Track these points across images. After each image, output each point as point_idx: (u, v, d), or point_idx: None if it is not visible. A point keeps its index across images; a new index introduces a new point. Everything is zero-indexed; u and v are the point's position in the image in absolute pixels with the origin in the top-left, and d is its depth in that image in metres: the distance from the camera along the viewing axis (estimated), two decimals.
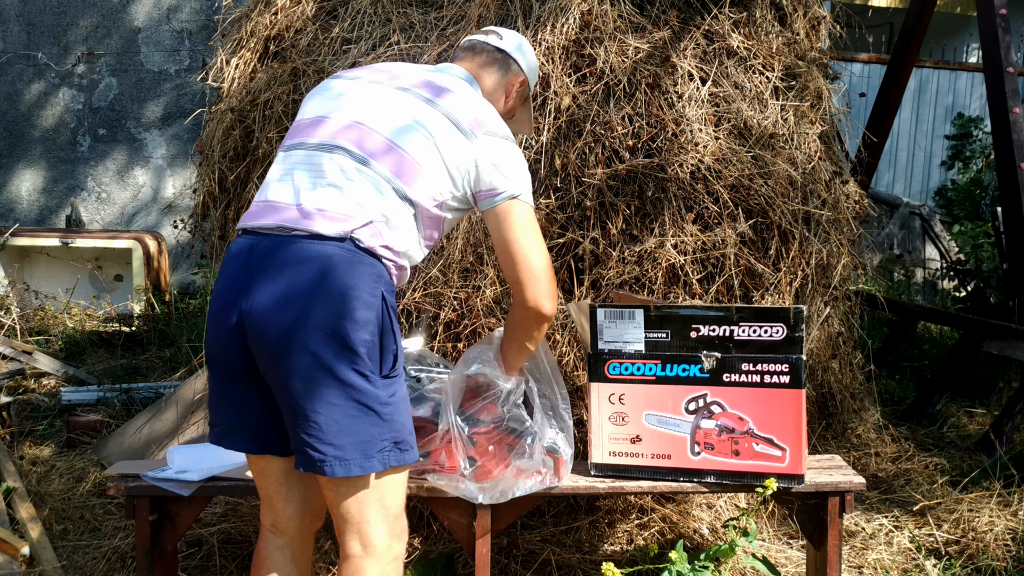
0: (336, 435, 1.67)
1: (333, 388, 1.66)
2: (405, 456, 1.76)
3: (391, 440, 1.72)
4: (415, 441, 1.81)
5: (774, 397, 2.18)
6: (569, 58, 2.92)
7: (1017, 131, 4.13)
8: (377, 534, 1.76)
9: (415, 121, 1.82)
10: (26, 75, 6.85)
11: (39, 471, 3.54)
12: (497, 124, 1.90)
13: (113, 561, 2.84)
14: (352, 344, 1.65)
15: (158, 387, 4.20)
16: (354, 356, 1.65)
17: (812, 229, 3.11)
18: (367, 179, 1.76)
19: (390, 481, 1.77)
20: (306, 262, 1.68)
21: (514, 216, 1.85)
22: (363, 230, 1.72)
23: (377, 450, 1.70)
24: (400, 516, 1.82)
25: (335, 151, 1.79)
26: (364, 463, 1.69)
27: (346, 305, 1.65)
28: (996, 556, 2.83)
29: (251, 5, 3.42)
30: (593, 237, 2.84)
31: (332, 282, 1.66)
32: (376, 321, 1.69)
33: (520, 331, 1.97)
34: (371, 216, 1.73)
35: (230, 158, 3.20)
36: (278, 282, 1.67)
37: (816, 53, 3.50)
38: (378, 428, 1.70)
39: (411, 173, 1.79)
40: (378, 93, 1.88)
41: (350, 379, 1.66)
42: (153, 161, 7.06)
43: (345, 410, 1.67)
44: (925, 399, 4.33)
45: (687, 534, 2.91)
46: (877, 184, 8.41)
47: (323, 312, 1.65)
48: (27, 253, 6.11)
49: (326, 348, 1.64)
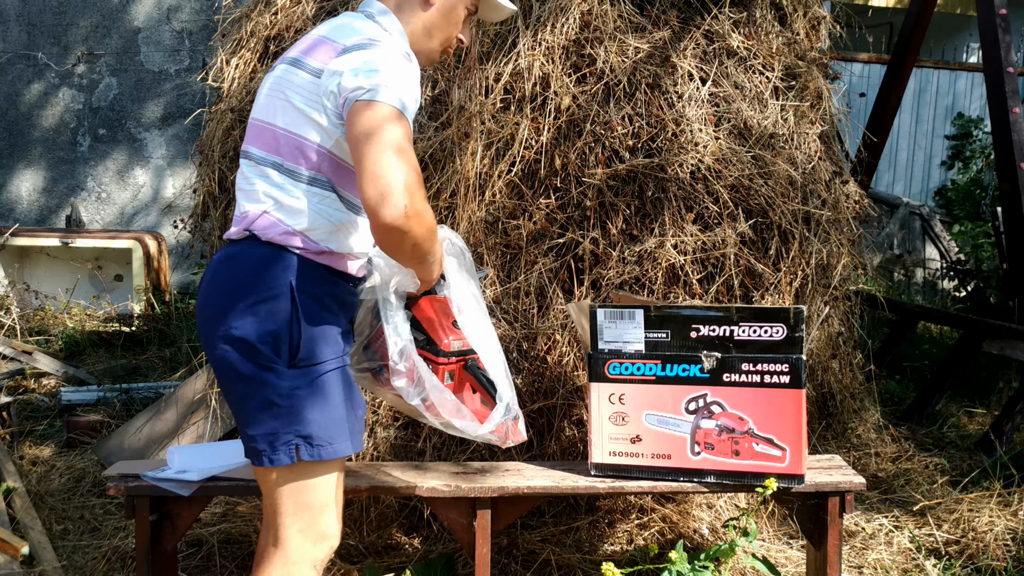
0: (250, 426, 1.70)
1: (239, 383, 1.69)
2: (318, 452, 1.69)
3: (295, 433, 1.67)
4: (339, 437, 1.72)
5: (774, 397, 2.18)
6: (569, 58, 2.92)
7: (1017, 131, 4.13)
8: (288, 532, 1.72)
9: (275, 88, 1.75)
10: (26, 75, 6.85)
11: (39, 471, 3.54)
12: (363, 37, 1.70)
13: (113, 561, 2.84)
14: (249, 337, 1.65)
15: (158, 387, 4.20)
16: (253, 349, 1.66)
17: (812, 229, 3.11)
18: (256, 172, 1.74)
19: (306, 478, 1.71)
20: (216, 265, 1.74)
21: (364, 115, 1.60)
22: (258, 223, 1.70)
23: (282, 443, 1.67)
24: (322, 517, 1.74)
25: (245, 158, 1.81)
26: (272, 455, 1.68)
27: (245, 300, 1.66)
28: (996, 556, 2.82)
29: (251, 5, 3.42)
30: (593, 237, 2.84)
31: (233, 280, 1.69)
32: (284, 311, 1.66)
33: (389, 253, 1.71)
34: (263, 207, 1.71)
35: (230, 158, 3.20)
36: (203, 291, 1.75)
37: (816, 53, 3.50)
38: (279, 421, 1.67)
39: (284, 141, 1.71)
40: (266, 82, 1.81)
41: (252, 372, 1.67)
42: (153, 161, 7.05)
43: (253, 403, 1.69)
44: (925, 399, 4.32)
45: (687, 534, 2.91)
46: (877, 184, 8.41)
47: (224, 310, 1.68)
48: (27, 253, 6.11)
49: (229, 344, 1.67)
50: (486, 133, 2.81)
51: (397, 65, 1.67)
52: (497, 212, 2.84)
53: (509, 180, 2.84)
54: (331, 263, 1.75)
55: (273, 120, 1.73)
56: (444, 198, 2.83)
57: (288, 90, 1.72)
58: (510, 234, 2.85)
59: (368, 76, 1.62)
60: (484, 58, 2.91)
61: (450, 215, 2.84)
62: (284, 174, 1.71)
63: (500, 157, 2.83)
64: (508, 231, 2.85)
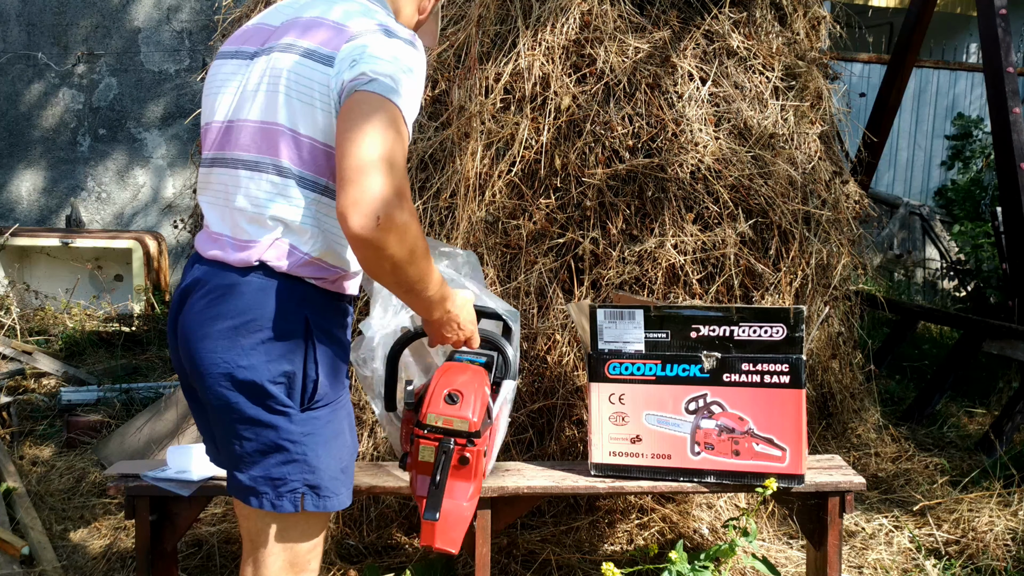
0: (250, 467, 1.57)
1: (242, 424, 1.55)
2: (324, 503, 1.59)
3: (303, 483, 1.57)
4: (344, 487, 1.63)
5: (774, 397, 2.18)
6: (569, 58, 2.92)
7: (1017, 131, 4.13)
8: (270, 571, 1.63)
9: (274, 82, 1.55)
10: (26, 75, 6.85)
11: (39, 471, 3.54)
12: (374, 24, 1.54)
13: (113, 561, 2.84)
14: (259, 379, 1.51)
15: (158, 387, 4.20)
16: (263, 392, 1.52)
17: (812, 229, 3.11)
18: (257, 186, 1.55)
19: (301, 526, 1.62)
20: (208, 292, 1.55)
21: (360, 107, 1.43)
22: (269, 252, 1.53)
23: (288, 490, 1.57)
24: (306, 556, 1.66)
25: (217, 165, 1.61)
26: (276, 501, 1.57)
27: (252, 337, 1.51)
28: (996, 556, 2.82)
29: (251, 5, 3.42)
30: (593, 237, 2.84)
31: (237, 313, 1.52)
32: (300, 350, 1.53)
33: (370, 274, 1.52)
34: (272, 235, 1.54)
35: None
36: (192, 319, 1.57)
37: (816, 53, 3.50)
38: (288, 468, 1.56)
39: (307, 149, 1.54)
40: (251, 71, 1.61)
41: (260, 416, 1.53)
42: (153, 161, 7.05)
43: (255, 444, 1.56)
44: (925, 399, 4.33)
45: (687, 534, 2.91)
46: (877, 184, 8.41)
47: (225, 346, 1.52)
48: (27, 253, 6.11)
49: (234, 385, 1.53)
50: (486, 133, 2.81)
51: (408, 64, 1.50)
52: (497, 212, 2.84)
53: (509, 180, 2.84)
54: (340, 289, 1.62)
55: (280, 120, 1.53)
56: (444, 198, 2.83)
57: (295, 84, 1.52)
58: (510, 234, 2.85)
59: (376, 64, 1.46)
60: (484, 58, 2.91)
61: (450, 215, 2.84)
62: (302, 186, 1.53)
63: (500, 157, 2.83)
64: (508, 231, 2.85)
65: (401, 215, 1.40)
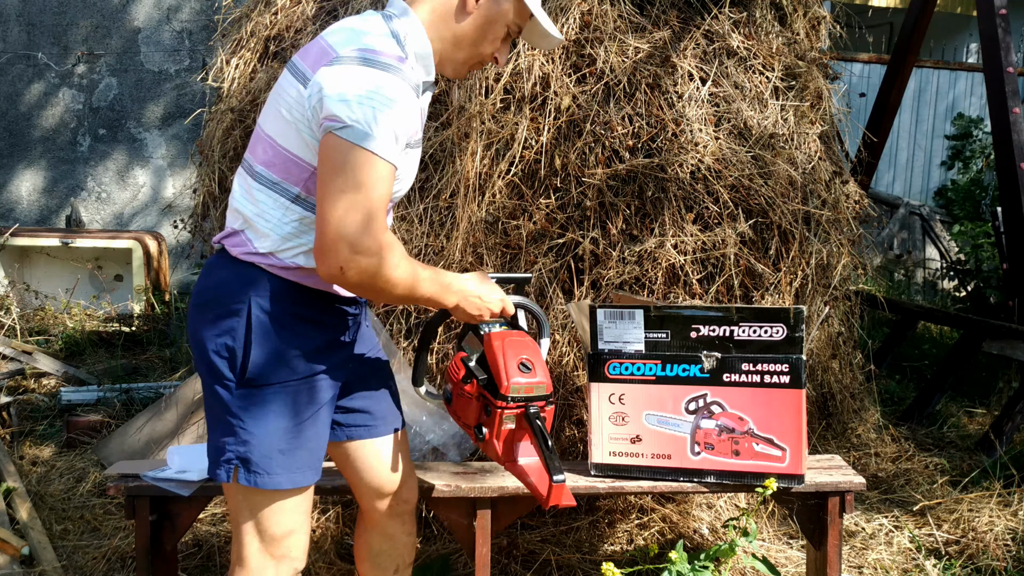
0: (210, 436, 1.70)
1: (206, 390, 1.69)
2: (254, 479, 1.64)
3: (236, 454, 1.64)
4: (279, 468, 1.65)
5: (774, 397, 2.18)
6: (569, 58, 2.92)
7: (1017, 131, 4.13)
8: (249, 550, 1.69)
9: (273, 94, 1.67)
10: (26, 75, 6.85)
11: (39, 471, 3.54)
12: (359, 47, 1.55)
13: (113, 561, 2.84)
14: (209, 349, 1.64)
15: (158, 387, 4.20)
16: (211, 362, 1.65)
17: (812, 229, 3.11)
18: (241, 184, 1.70)
19: (265, 505, 1.68)
20: (202, 271, 1.75)
21: (334, 152, 1.49)
22: (229, 239, 1.69)
23: (223, 459, 1.65)
24: (285, 540, 1.70)
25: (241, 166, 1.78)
26: (216, 470, 1.67)
27: (211, 312, 1.66)
28: (996, 556, 2.82)
29: (251, 5, 3.42)
30: (593, 237, 2.84)
31: (206, 288, 1.69)
32: (241, 328, 1.63)
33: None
34: (234, 225, 1.69)
35: (230, 158, 3.20)
36: (192, 293, 1.77)
37: (816, 53, 3.50)
38: (227, 439, 1.65)
39: (274, 154, 1.63)
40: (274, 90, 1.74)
41: (210, 384, 1.66)
42: (153, 161, 7.05)
43: (210, 413, 1.69)
44: (925, 399, 4.33)
45: (687, 534, 2.91)
46: (877, 184, 8.41)
47: (197, 317, 1.69)
48: (27, 253, 6.11)
49: (198, 351, 1.68)
50: (486, 133, 2.81)
51: (388, 96, 1.51)
52: (497, 212, 2.84)
53: (509, 180, 2.84)
54: (301, 280, 1.66)
55: (268, 130, 1.64)
56: (444, 198, 2.83)
57: (281, 98, 1.62)
58: (510, 234, 2.85)
59: (348, 107, 1.49)
60: None
61: (450, 215, 2.84)
62: (272, 189, 1.63)
63: (500, 157, 2.83)
64: (508, 231, 2.85)
65: (365, 260, 1.50)
